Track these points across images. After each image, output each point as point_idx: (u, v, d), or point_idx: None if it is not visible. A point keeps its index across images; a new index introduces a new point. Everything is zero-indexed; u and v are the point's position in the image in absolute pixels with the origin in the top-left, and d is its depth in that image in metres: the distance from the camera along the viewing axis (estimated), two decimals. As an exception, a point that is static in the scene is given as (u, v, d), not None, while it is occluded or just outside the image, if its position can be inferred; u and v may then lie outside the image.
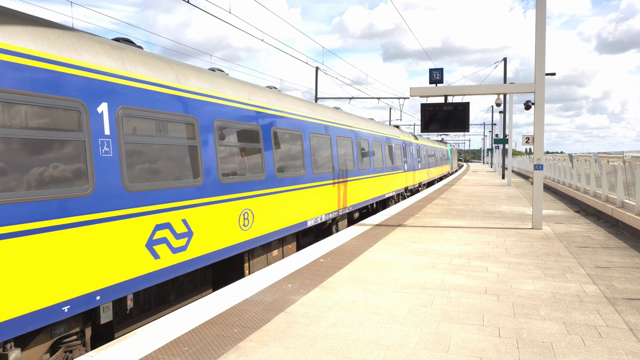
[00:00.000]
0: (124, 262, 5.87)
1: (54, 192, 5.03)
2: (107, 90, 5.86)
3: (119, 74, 6.09)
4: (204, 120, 7.66)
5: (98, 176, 5.58)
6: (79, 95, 5.45)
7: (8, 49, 4.74)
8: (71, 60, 5.41)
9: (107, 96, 5.85)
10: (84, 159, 5.43)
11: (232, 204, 8.21)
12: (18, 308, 4.65)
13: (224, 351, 4.91)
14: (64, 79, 5.28)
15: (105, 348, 4.97)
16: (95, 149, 5.58)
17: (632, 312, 6.06)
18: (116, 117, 5.95)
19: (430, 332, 5.42)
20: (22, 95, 4.80)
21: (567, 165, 23.36)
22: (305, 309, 6.21)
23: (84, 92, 5.52)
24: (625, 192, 13.74)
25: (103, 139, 5.72)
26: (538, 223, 12.83)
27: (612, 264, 8.74)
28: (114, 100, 5.94)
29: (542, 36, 12.42)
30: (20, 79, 4.80)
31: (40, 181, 4.93)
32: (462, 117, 13.34)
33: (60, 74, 5.24)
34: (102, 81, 5.81)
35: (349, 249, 10.12)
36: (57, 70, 5.20)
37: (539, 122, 12.70)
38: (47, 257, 4.92)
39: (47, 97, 5.05)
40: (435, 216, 15.45)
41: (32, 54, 4.96)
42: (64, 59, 5.33)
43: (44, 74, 5.05)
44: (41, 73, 5.03)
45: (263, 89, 10.28)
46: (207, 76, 8.23)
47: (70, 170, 5.26)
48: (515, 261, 8.94)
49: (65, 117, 5.25)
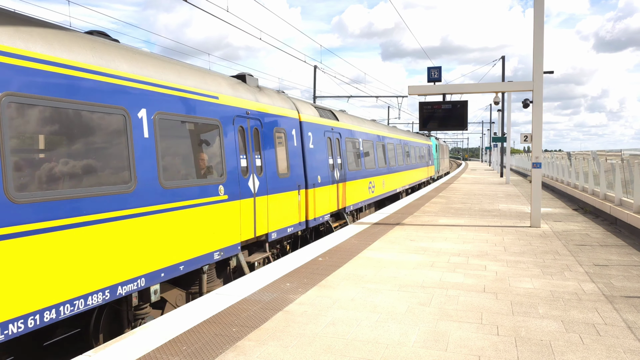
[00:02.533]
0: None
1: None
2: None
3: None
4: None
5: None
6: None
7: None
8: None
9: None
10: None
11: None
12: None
13: (223, 350, 4.90)
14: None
15: (103, 347, 4.96)
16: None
17: (630, 310, 6.07)
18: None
19: (428, 330, 5.42)
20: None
21: (566, 163, 23.39)
22: (303, 308, 6.21)
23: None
24: (623, 190, 13.76)
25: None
26: (536, 221, 12.84)
27: (610, 262, 8.75)
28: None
29: (540, 34, 12.42)
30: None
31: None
32: (461, 116, 13.34)
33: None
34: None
35: (347, 248, 10.12)
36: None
37: (537, 120, 12.70)
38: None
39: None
40: (434, 214, 15.46)
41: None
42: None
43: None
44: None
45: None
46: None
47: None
48: (513, 259, 8.95)
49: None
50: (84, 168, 5.70)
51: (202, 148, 8.01)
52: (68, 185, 5.47)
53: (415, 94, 13.65)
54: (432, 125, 13.56)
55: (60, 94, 5.47)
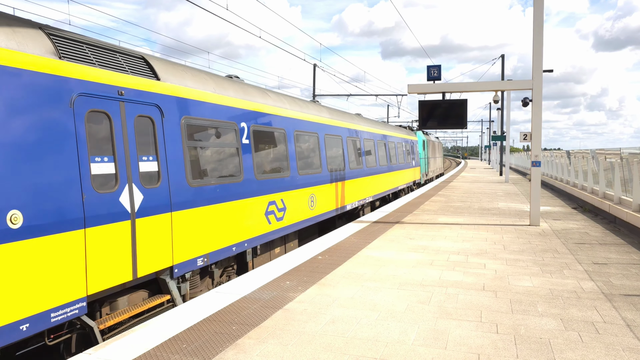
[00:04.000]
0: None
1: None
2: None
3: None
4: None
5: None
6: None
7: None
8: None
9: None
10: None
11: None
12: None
13: (223, 348, 4.91)
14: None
15: (103, 346, 4.97)
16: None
17: (629, 308, 6.09)
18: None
19: (428, 328, 5.43)
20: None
21: (565, 162, 23.41)
22: (303, 306, 6.22)
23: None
24: (622, 188, 13.78)
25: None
26: (536, 220, 12.85)
27: (609, 260, 8.77)
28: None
29: (540, 33, 12.42)
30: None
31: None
32: (460, 114, 13.34)
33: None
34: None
35: (347, 246, 10.13)
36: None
37: (537, 118, 12.71)
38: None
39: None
40: (433, 213, 15.48)
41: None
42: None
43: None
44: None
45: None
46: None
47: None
48: (512, 258, 8.97)
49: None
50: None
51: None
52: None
53: (415, 93, 13.64)
54: (432, 123, 13.57)
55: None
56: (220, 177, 8.52)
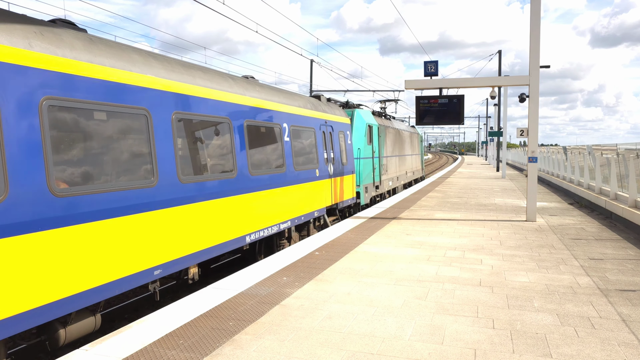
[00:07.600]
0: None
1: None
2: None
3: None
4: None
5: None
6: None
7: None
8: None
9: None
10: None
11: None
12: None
13: (220, 344, 4.91)
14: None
15: (100, 342, 4.96)
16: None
17: (625, 304, 6.11)
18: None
19: (424, 324, 5.45)
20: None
21: (561, 157, 23.46)
22: (300, 302, 6.23)
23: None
24: (618, 184, 13.82)
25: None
26: (532, 215, 12.89)
27: (605, 255, 8.80)
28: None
29: (537, 29, 12.41)
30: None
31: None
32: (457, 110, 13.34)
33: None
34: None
35: (344, 242, 10.14)
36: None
37: (534, 114, 12.72)
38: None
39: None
40: (430, 209, 15.50)
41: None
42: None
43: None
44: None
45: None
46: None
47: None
48: (509, 253, 8.99)
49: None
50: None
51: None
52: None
53: (412, 88, 13.64)
54: (429, 119, 13.57)
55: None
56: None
